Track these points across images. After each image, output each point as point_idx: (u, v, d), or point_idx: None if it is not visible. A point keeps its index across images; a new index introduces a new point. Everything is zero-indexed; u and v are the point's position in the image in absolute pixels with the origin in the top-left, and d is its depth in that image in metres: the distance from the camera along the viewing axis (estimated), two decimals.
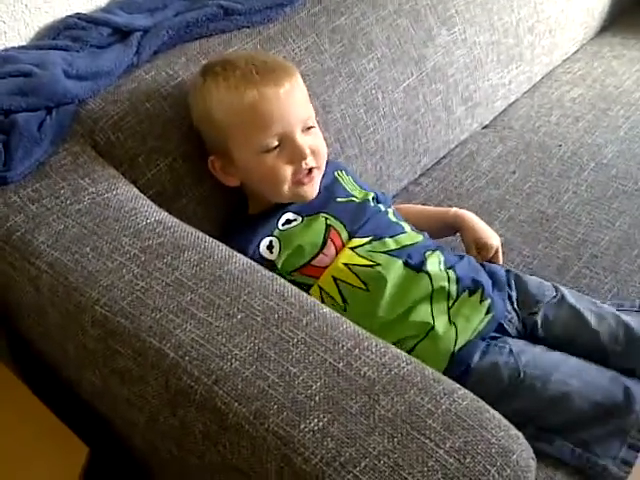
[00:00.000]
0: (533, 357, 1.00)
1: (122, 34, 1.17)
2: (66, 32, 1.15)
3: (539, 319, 1.10)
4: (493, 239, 1.23)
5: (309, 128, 1.11)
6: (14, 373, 1.10)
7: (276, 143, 1.07)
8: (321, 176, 1.14)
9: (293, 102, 1.08)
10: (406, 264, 1.07)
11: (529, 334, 1.09)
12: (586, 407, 0.96)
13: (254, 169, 1.09)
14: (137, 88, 1.12)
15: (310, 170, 1.10)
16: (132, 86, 1.12)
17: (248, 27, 1.26)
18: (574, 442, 0.95)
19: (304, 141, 1.08)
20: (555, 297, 1.12)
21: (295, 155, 1.07)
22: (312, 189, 1.12)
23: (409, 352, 0.98)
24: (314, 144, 1.10)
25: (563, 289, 1.14)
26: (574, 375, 0.99)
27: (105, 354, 0.85)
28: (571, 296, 1.13)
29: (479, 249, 1.22)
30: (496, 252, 1.23)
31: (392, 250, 1.09)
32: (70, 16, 1.16)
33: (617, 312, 1.10)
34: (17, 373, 1.16)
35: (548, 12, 1.82)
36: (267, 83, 1.05)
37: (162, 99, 1.13)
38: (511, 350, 1.01)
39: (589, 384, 0.98)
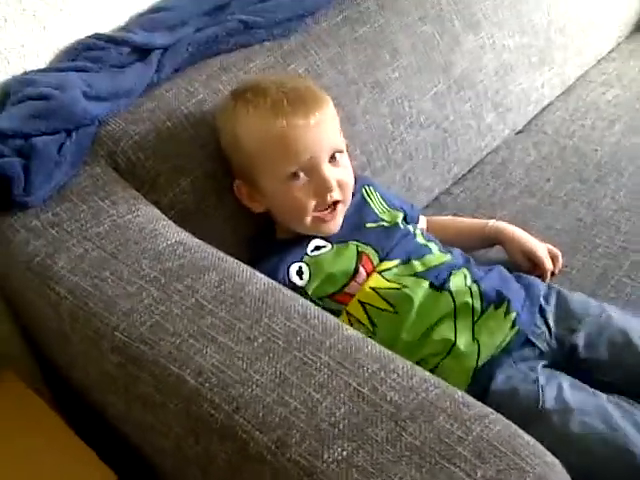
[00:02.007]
0: (558, 391, 0.96)
1: (142, 53, 1.16)
2: (85, 53, 1.14)
3: (581, 338, 1.04)
4: (539, 249, 1.21)
5: (337, 159, 1.08)
6: (47, 398, 1.10)
7: (302, 173, 1.05)
8: (345, 209, 1.12)
9: (322, 133, 1.06)
10: (431, 285, 1.06)
11: (568, 354, 1.05)
12: (610, 455, 0.90)
13: (278, 198, 1.08)
14: (157, 107, 1.11)
15: (335, 204, 1.08)
16: (152, 105, 1.11)
17: (269, 40, 1.24)
18: None
19: (331, 173, 1.06)
20: (601, 317, 1.07)
21: (320, 187, 1.06)
22: (335, 225, 1.10)
23: (432, 370, 0.96)
24: (341, 177, 1.08)
25: (611, 309, 1.09)
26: (599, 417, 0.92)
27: (126, 380, 0.83)
28: (619, 317, 1.07)
29: (532, 265, 1.20)
30: (554, 261, 1.21)
31: (419, 272, 1.07)
32: (89, 36, 1.15)
33: None
34: (50, 398, 1.16)
35: (580, 12, 1.77)
36: (296, 113, 1.04)
37: (183, 117, 1.11)
38: (537, 379, 0.97)
39: (615, 430, 0.91)
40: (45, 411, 1.04)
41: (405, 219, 1.21)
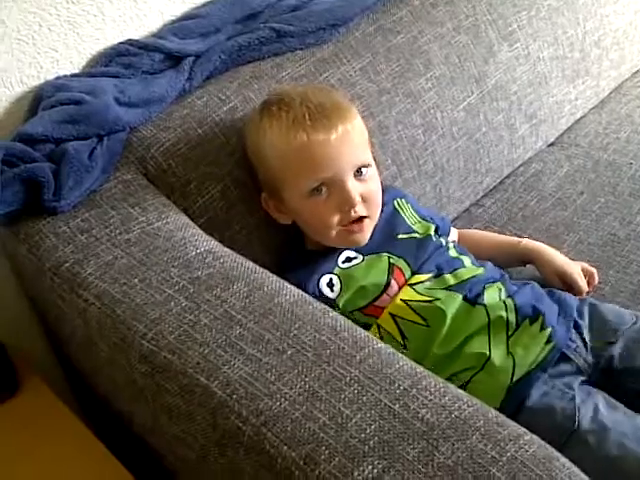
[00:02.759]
0: (594, 410, 0.93)
1: (174, 59, 1.16)
2: (118, 59, 1.14)
3: (618, 350, 1.02)
4: (573, 268, 1.19)
5: (363, 173, 1.06)
6: (72, 405, 1.10)
7: (324, 188, 1.03)
8: (374, 223, 1.09)
9: (345, 147, 1.04)
10: (465, 298, 1.04)
11: (606, 367, 1.02)
12: None
13: (301, 212, 1.07)
14: (189, 114, 1.11)
15: (360, 218, 1.06)
16: (184, 112, 1.11)
17: (301, 49, 1.24)
18: None
19: (354, 188, 1.04)
20: (635, 324, 1.05)
21: (343, 202, 1.04)
22: (363, 237, 1.08)
23: (465, 385, 0.96)
24: (366, 191, 1.06)
25: None
26: (634, 437, 0.90)
27: (153, 390, 0.82)
28: None
29: (566, 284, 1.18)
30: (590, 279, 1.19)
31: (452, 285, 1.06)
32: (122, 42, 1.16)
33: None
34: (75, 405, 1.16)
35: (615, 24, 1.75)
36: (317, 128, 1.02)
37: (214, 125, 1.11)
38: (573, 397, 0.94)
39: None
40: (70, 418, 1.04)
41: (437, 231, 1.19)
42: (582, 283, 1.18)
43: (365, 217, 1.06)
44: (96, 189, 1.01)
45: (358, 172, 1.05)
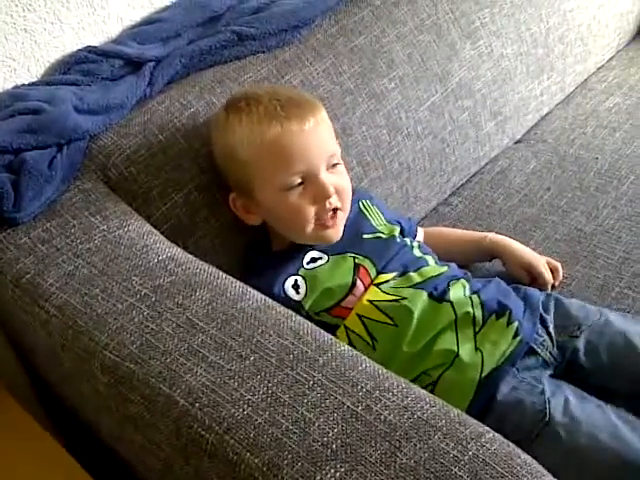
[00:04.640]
0: (565, 403, 0.94)
1: (134, 65, 1.14)
2: (76, 66, 1.13)
3: (581, 344, 1.03)
4: (538, 261, 1.20)
5: (334, 165, 1.07)
6: (39, 416, 1.09)
7: (299, 181, 1.03)
8: (346, 217, 1.10)
9: (318, 139, 1.04)
10: (430, 295, 1.04)
11: (570, 361, 1.03)
12: (617, 469, 0.88)
13: (276, 208, 1.06)
14: (150, 120, 1.10)
15: (334, 211, 1.06)
16: (145, 118, 1.10)
17: (263, 52, 1.23)
18: None
19: (328, 179, 1.04)
20: (599, 320, 1.06)
21: (319, 194, 1.04)
22: (337, 232, 1.08)
23: (435, 382, 0.96)
24: (339, 183, 1.06)
25: (609, 312, 1.08)
26: (605, 429, 0.91)
27: (117, 400, 0.81)
28: (618, 319, 1.06)
29: (532, 278, 1.20)
30: (554, 273, 1.20)
31: (417, 283, 1.06)
32: (80, 50, 1.14)
33: None
34: (43, 416, 1.14)
35: (579, 19, 1.76)
36: (291, 119, 1.02)
37: (176, 130, 1.10)
38: (543, 391, 0.95)
39: (622, 442, 0.90)
40: (36, 429, 1.03)
41: (402, 233, 1.19)
42: (547, 275, 1.19)
43: (338, 209, 1.06)
44: (56, 199, 1.00)
45: (330, 166, 1.06)
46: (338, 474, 0.65)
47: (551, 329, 1.05)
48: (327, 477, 0.65)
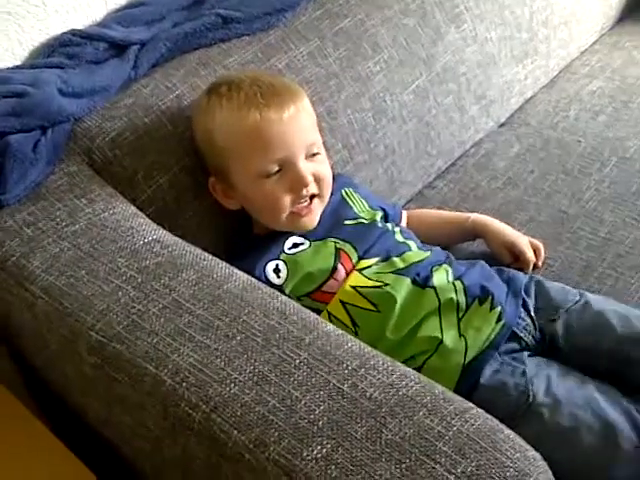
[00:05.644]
0: (547, 382, 0.95)
1: (119, 48, 1.14)
2: (61, 49, 1.12)
3: (560, 327, 1.04)
4: (520, 240, 1.21)
5: (314, 155, 1.07)
6: (25, 400, 1.08)
7: (276, 168, 1.03)
8: (324, 206, 1.10)
9: (297, 127, 1.04)
10: (414, 281, 1.04)
11: (550, 344, 1.04)
12: (598, 446, 0.90)
13: (252, 195, 1.06)
14: (135, 103, 1.09)
15: (311, 198, 1.06)
16: (130, 101, 1.09)
17: (248, 35, 1.23)
18: None
19: (306, 167, 1.04)
20: (578, 302, 1.06)
21: (296, 182, 1.04)
22: (311, 220, 1.08)
23: (419, 369, 0.96)
24: (318, 171, 1.06)
25: (589, 295, 1.08)
26: (586, 407, 0.92)
27: (104, 381, 0.82)
28: (597, 301, 1.07)
29: (514, 257, 1.20)
30: (537, 253, 1.21)
31: (400, 269, 1.06)
32: (65, 33, 1.14)
33: None
34: (29, 400, 1.14)
35: (563, 3, 1.76)
36: (270, 106, 1.02)
37: (161, 113, 1.10)
38: (525, 372, 0.96)
39: (601, 419, 0.91)
40: (22, 413, 1.02)
41: (386, 218, 1.20)
42: (530, 254, 1.20)
43: (316, 196, 1.06)
44: (41, 182, 1.00)
45: (309, 154, 1.06)
46: (324, 450, 0.66)
47: (532, 313, 1.06)
48: (313, 454, 0.66)
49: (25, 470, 0.95)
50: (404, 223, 1.28)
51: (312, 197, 1.06)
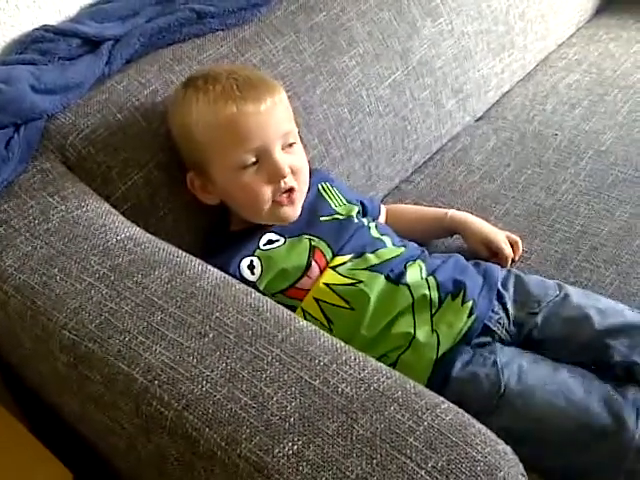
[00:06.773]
0: (519, 371, 0.95)
1: (92, 44, 1.13)
2: (33, 45, 1.11)
3: (539, 320, 1.04)
4: (498, 237, 1.22)
5: (291, 145, 1.07)
6: (3, 398, 1.08)
7: (254, 159, 1.03)
8: (303, 198, 1.10)
9: (273, 118, 1.04)
10: (387, 278, 1.04)
11: (526, 337, 1.05)
12: (572, 429, 0.90)
13: (231, 188, 1.05)
14: (108, 99, 1.09)
15: (290, 191, 1.06)
16: (103, 97, 1.09)
17: (222, 30, 1.22)
18: (563, 469, 0.90)
19: (283, 159, 1.04)
20: (558, 296, 1.07)
21: (273, 173, 1.03)
22: (294, 210, 1.08)
23: (393, 364, 0.96)
24: (294, 163, 1.06)
25: (568, 288, 1.09)
26: (559, 394, 0.93)
27: (77, 380, 0.82)
28: (577, 294, 1.08)
29: (492, 253, 1.21)
30: (514, 247, 1.22)
31: (374, 265, 1.06)
32: (37, 29, 1.13)
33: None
34: (7, 398, 1.14)
35: None
36: (247, 99, 1.02)
37: (134, 109, 1.09)
38: (495, 362, 0.96)
39: (575, 404, 0.92)
40: (1, 412, 1.02)
41: (364, 213, 1.20)
42: (507, 249, 1.21)
43: (294, 189, 1.06)
44: (14, 179, 0.99)
45: (286, 146, 1.06)
46: (296, 447, 0.66)
47: (509, 305, 1.06)
48: (285, 450, 0.66)
49: (2, 469, 0.95)
50: (383, 218, 1.28)
51: (290, 190, 1.06)
